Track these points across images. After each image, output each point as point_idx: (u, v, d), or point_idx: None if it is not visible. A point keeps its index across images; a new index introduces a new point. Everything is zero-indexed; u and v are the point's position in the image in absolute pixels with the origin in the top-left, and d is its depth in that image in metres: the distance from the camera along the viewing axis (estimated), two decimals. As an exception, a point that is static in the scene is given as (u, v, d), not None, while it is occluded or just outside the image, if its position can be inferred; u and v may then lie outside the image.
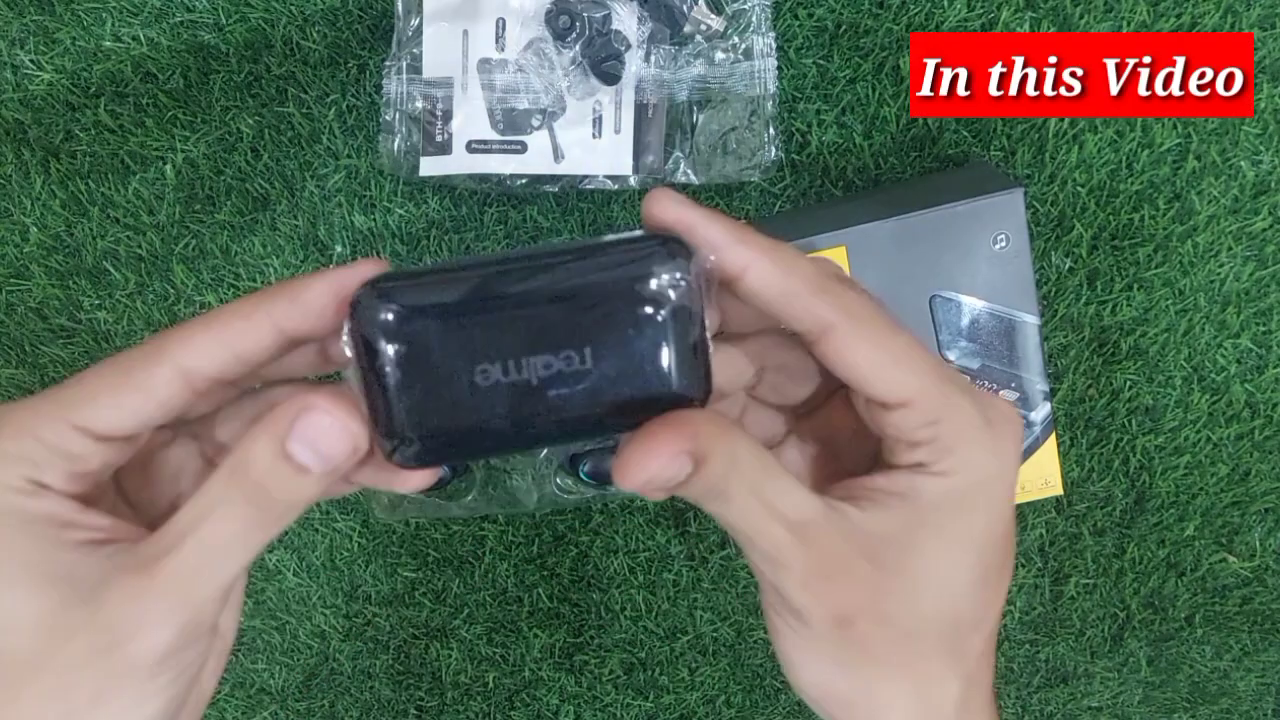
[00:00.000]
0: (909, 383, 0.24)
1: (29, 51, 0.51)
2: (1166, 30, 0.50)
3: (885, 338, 0.24)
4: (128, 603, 0.23)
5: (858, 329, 0.24)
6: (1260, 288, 0.54)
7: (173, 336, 0.24)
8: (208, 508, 0.23)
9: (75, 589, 0.23)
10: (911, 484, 0.25)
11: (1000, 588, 0.26)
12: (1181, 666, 0.60)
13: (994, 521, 0.26)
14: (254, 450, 0.23)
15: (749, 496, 0.25)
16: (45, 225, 0.53)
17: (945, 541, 0.25)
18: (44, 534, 0.24)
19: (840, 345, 0.24)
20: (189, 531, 0.23)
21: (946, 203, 0.46)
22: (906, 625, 0.25)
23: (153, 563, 0.23)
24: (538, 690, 0.60)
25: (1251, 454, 0.56)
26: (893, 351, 0.24)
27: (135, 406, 0.24)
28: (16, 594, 0.23)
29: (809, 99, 0.51)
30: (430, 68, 0.50)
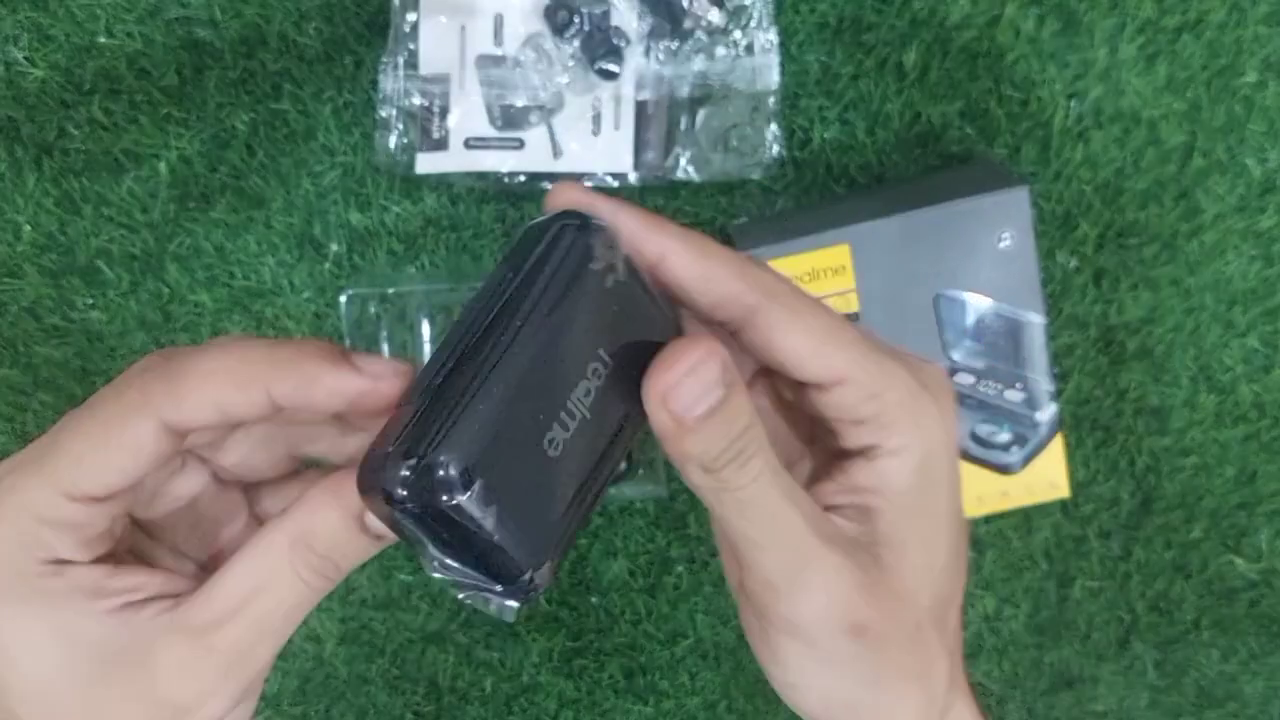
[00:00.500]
0: (842, 359, 0.24)
1: (22, 48, 0.50)
2: (1171, 27, 0.50)
3: (811, 317, 0.24)
4: (188, 676, 0.23)
5: (783, 310, 0.24)
6: (1267, 286, 0.53)
7: (157, 391, 0.23)
8: (267, 578, 0.23)
9: (121, 661, 0.23)
10: (877, 474, 0.25)
11: (963, 563, 0.27)
12: (1188, 670, 0.59)
13: (953, 493, 0.26)
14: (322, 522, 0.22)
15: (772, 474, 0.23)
16: (38, 223, 0.52)
17: (924, 528, 0.25)
18: (79, 609, 0.23)
19: (767, 328, 0.24)
20: (248, 602, 0.23)
21: (950, 200, 0.46)
22: (910, 624, 0.25)
23: (210, 633, 0.23)
24: (536, 695, 0.59)
25: (1259, 455, 0.56)
26: (821, 330, 0.24)
27: (122, 464, 0.23)
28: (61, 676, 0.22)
29: (811, 95, 0.51)
30: (427, 64, 0.49)
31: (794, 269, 0.46)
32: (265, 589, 0.23)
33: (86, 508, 0.23)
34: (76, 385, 0.55)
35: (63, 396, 0.55)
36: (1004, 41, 0.50)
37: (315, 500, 0.23)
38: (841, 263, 0.46)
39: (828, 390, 0.24)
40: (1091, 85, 0.51)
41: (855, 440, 0.25)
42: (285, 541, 0.23)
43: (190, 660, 0.23)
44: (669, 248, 0.23)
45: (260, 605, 0.23)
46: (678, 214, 0.52)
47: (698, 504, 0.56)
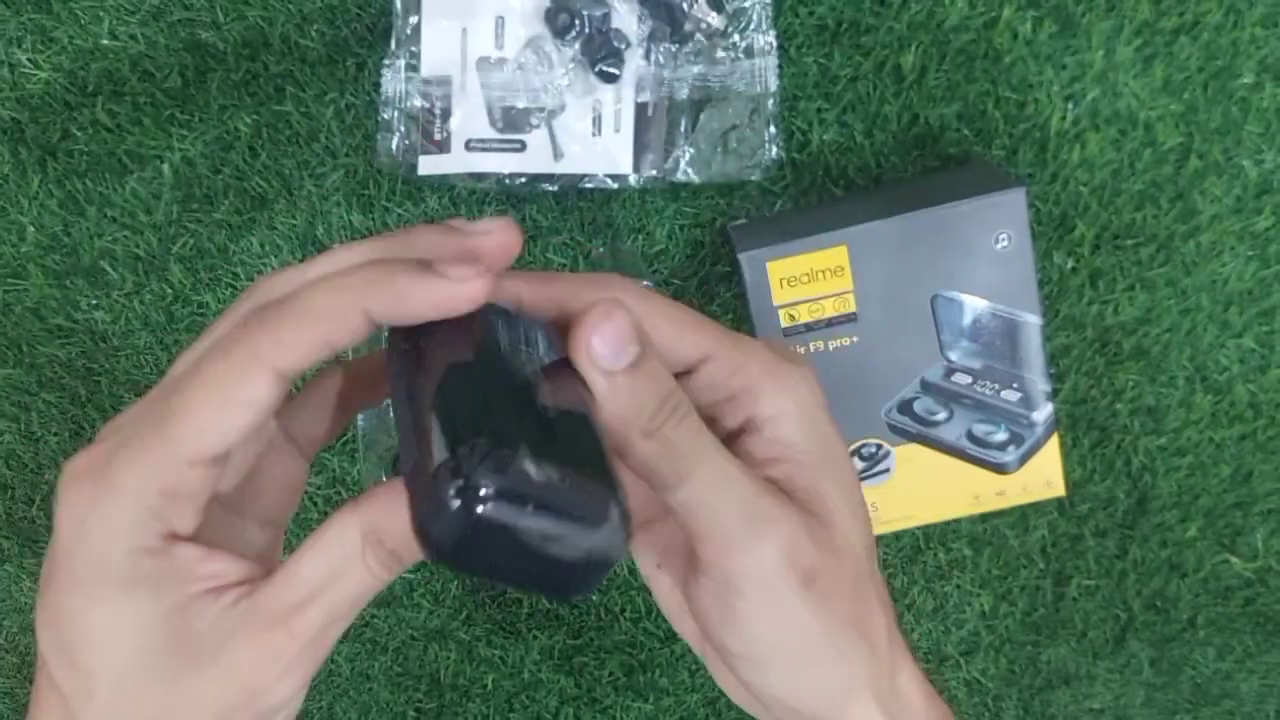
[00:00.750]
0: (703, 339, 0.26)
1: (26, 50, 0.50)
2: (1168, 28, 0.50)
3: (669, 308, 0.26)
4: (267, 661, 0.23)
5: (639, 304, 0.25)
6: (1263, 287, 0.54)
7: (263, 339, 0.23)
8: (340, 568, 0.24)
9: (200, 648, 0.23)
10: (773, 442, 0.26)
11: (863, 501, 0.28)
12: (1184, 668, 0.60)
13: (842, 443, 0.27)
14: (394, 522, 0.23)
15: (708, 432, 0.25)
16: (42, 225, 0.52)
17: (835, 476, 0.27)
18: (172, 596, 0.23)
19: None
20: (322, 590, 0.24)
21: (948, 202, 0.46)
22: (853, 571, 0.26)
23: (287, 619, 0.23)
24: (537, 692, 0.59)
25: (1254, 455, 0.56)
26: (679, 317, 0.26)
27: (240, 422, 0.23)
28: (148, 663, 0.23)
29: (810, 97, 0.51)
30: (429, 66, 0.49)
31: (792, 270, 0.47)
32: (338, 578, 0.24)
33: (205, 471, 0.23)
34: (80, 385, 0.55)
35: (66, 396, 0.55)
36: (1001, 44, 0.50)
37: (388, 497, 0.23)
38: (840, 263, 0.46)
39: (697, 372, 0.26)
40: (1088, 87, 0.51)
41: (733, 418, 0.27)
42: (358, 534, 0.23)
43: (268, 645, 0.23)
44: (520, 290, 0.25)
45: (334, 593, 0.24)
46: (677, 215, 0.53)
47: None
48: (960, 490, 0.49)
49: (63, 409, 0.56)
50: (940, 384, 0.48)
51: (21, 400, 0.55)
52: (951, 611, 0.58)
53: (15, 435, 0.56)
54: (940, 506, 0.50)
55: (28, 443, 0.56)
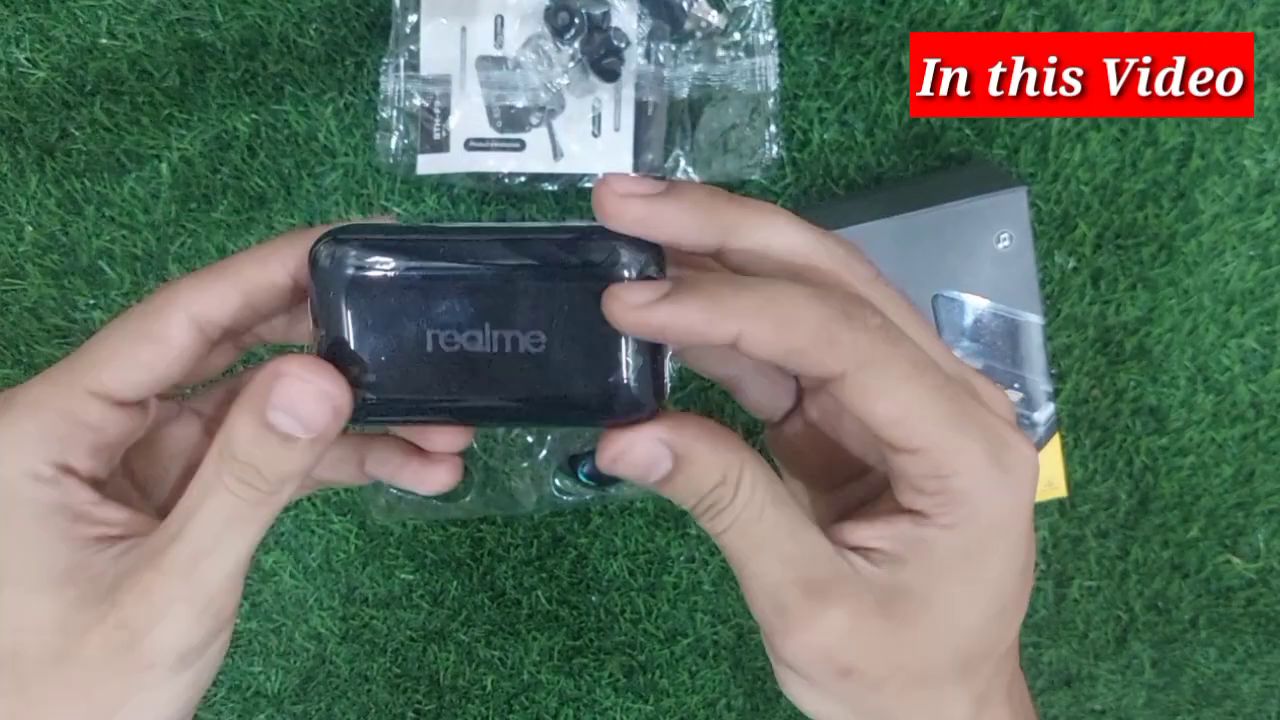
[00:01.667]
0: (920, 432, 0.23)
1: (24, 49, 0.50)
2: (1169, 28, 0.50)
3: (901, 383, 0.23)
4: (139, 600, 0.23)
5: (869, 377, 0.22)
6: (1265, 287, 0.53)
7: (184, 285, 0.23)
8: (203, 492, 0.23)
9: (91, 587, 0.23)
10: (919, 538, 0.24)
11: (1015, 618, 0.26)
12: (1186, 669, 0.59)
13: (1008, 563, 0.25)
14: (236, 426, 0.23)
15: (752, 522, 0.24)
16: (40, 224, 0.52)
17: (957, 590, 0.24)
18: (61, 528, 0.23)
19: (849, 389, 0.23)
20: (189, 517, 0.23)
21: (949, 201, 0.46)
22: (918, 671, 0.24)
23: (160, 554, 0.23)
24: (536, 694, 0.59)
25: (1256, 455, 0.56)
26: (907, 400, 0.23)
27: (151, 361, 0.23)
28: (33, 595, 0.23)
29: (810, 96, 0.51)
30: (428, 65, 0.49)
31: (793, 270, 0.46)
32: (201, 502, 0.23)
33: (106, 408, 0.23)
34: (79, 385, 0.55)
35: (65, 396, 0.55)
36: (1002, 43, 0.50)
37: (233, 408, 0.23)
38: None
39: (899, 453, 0.23)
40: (1090, 86, 0.51)
41: (911, 502, 0.24)
42: (214, 453, 0.23)
43: (139, 583, 0.23)
44: (743, 329, 0.22)
45: (198, 520, 0.23)
46: (677, 215, 0.52)
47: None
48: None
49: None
50: (941, 384, 0.48)
51: (19, 400, 0.55)
52: (952, 612, 0.58)
53: (13, 436, 0.56)
54: (941, 507, 0.50)
55: (25, 443, 0.56)
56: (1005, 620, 0.25)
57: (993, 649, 0.25)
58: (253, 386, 0.23)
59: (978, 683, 0.25)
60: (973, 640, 0.25)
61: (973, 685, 0.25)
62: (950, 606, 0.24)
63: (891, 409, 0.23)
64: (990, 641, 0.25)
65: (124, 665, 0.23)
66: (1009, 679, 0.27)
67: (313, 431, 0.23)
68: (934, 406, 0.23)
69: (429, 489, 0.26)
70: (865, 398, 0.23)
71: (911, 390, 0.23)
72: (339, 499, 0.56)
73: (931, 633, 0.24)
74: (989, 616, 0.25)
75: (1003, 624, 0.25)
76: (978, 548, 0.24)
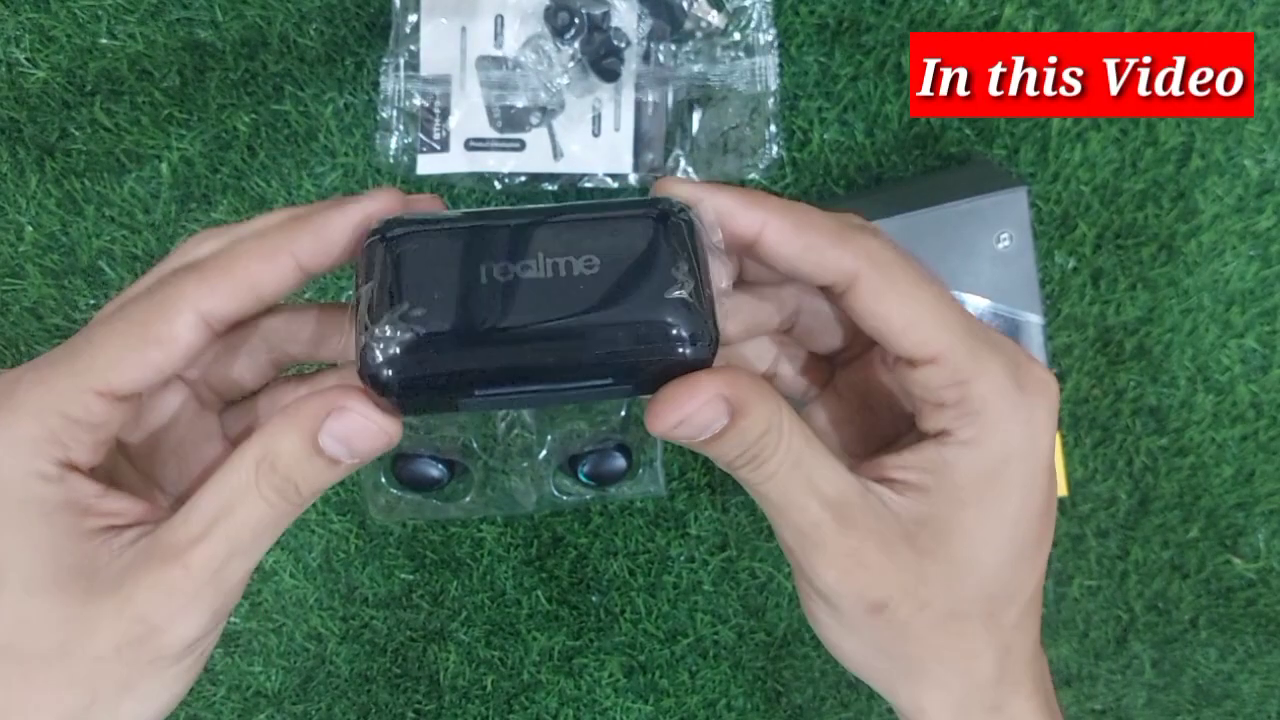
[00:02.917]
0: (937, 338, 0.23)
1: (24, 49, 0.50)
2: (1169, 28, 0.50)
3: (913, 288, 0.24)
4: (161, 596, 0.23)
5: (884, 279, 0.23)
6: (1265, 287, 0.53)
7: (190, 282, 0.23)
8: (235, 497, 0.23)
9: (98, 580, 0.23)
10: (942, 459, 0.24)
11: (1038, 560, 0.26)
12: (1186, 669, 0.59)
13: (1029, 497, 0.25)
14: (282, 444, 0.23)
15: (791, 467, 0.24)
16: (40, 224, 0.52)
17: (980, 521, 0.25)
18: (67, 524, 0.23)
19: (866, 295, 0.24)
20: (217, 521, 0.23)
21: (949, 201, 0.46)
22: (944, 608, 0.25)
23: (183, 553, 0.23)
24: (536, 694, 0.59)
25: (1256, 455, 0.56)
26: (921, 303, 0.24)
27: (158, 361, 0.23)
28: (39, 589, 0.23)
29: (810, 96, 0.51)
30: (428, 65, 0.49)
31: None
32: (234, 508, 0.23)
33: (111, 406, 0.23)
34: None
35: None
36: (1002, 43, 0.50)
37: (278, 423, 0.23)
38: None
39: (918, 367, 0.24)
40: (1090, 86, 0.51)
41: (933, 423, 0.25)
42: (251, 463, 0.23)
43: (164, 580, 0.23)
44: (766, 220, 0.24)
45: (229, 524, 0.23)
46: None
47: (698, 503, 0.56)
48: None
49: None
50: (941, 384, 0.48)
51: (19, 400, 0.55)
52: (952, 612, 0.58)
53: (13, 436, 0.56)
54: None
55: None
56: (1025, 563, 0.26)
57: (1014, 593, 0.26)
58: (307, 409, 0.23)
59: (1002, 632, 0.26)
60: (993, 576, 0.25)
61: (997, 633, 0.26)
62: (971, 538, 0.25)
63: (906, 312, 0.23)
64: (1011, 583, 0.25)
65: (134, 658, 0.23)
66: (1032, 652, 0.27)
67: (358, 457, 0.23)
68: (950, 312, 0.24)
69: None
70: (881, 301, 0.23)
71: (926, 294, 0.24)
72: (339, 499, 0.56)
73: (954, 565, 0.25)
74: (1010, 557, 0.25)
75: (1023, 566, 0.26)
76: (997, 473, 0.24)
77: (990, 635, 0.26)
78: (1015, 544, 0.25)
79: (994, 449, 0.24)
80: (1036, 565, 0.26)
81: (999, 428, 0.24)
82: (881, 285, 0.23)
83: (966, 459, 0.24)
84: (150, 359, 0.23)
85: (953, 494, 0.24)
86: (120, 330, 0.23)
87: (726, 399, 0.23)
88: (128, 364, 0.23)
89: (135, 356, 0.23)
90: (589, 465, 0.53)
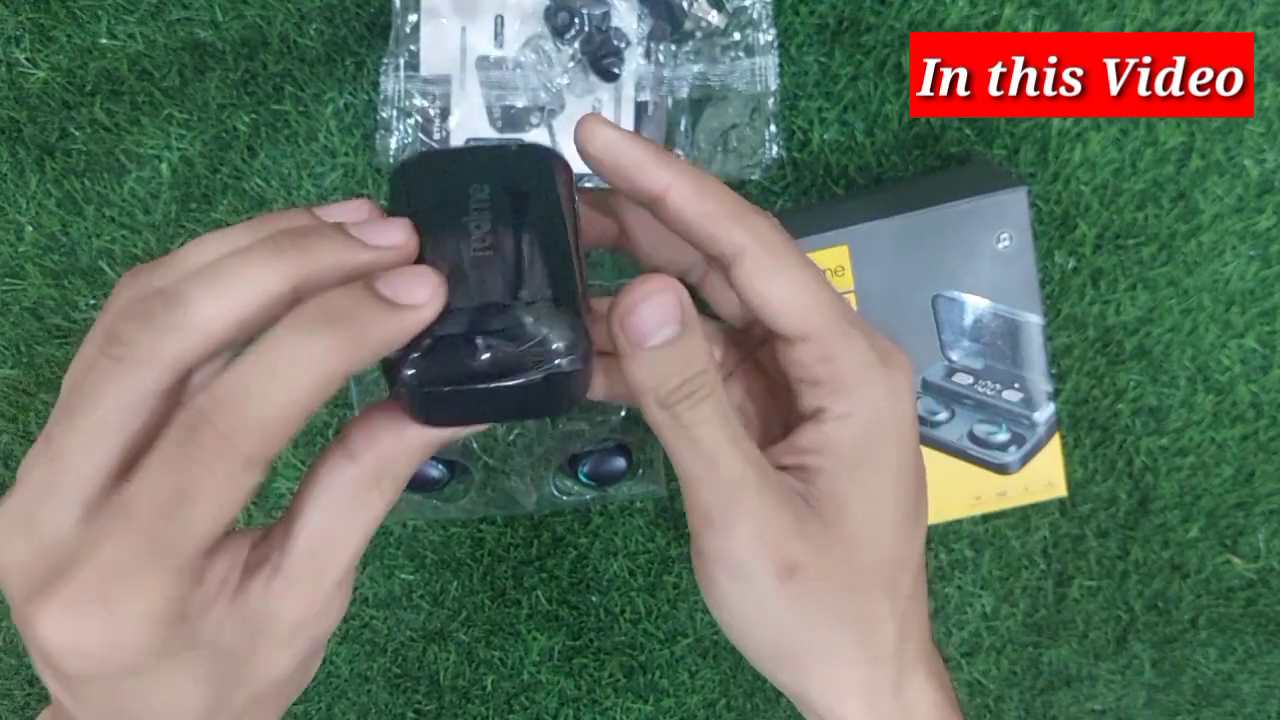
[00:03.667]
0: (810, 317, 0.26)
1: (24, 49, 0.50)
2: (1169, 28, 0.50)
3: (793, 269, 0.26)
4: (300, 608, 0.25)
5: (768, 256, 0.25)
6: (1265, 287, 0.53)
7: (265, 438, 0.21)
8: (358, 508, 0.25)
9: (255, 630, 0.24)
10: (823, 436, 0.26)
11: (920, 525, 0.28)
12: (1186, 669, 0.59)
13: (904, 460, 0.27)
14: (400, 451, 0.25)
15: (722, 419, 0.25)
16: (40, 224, 0.52)
17: (868, 488, 0.26)
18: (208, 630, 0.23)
19: (751, 271, 0.25)
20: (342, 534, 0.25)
21: (949, 201, 0.46)
22: (848, 575, 0.26)
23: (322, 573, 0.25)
24: (536, 694, 0.59)
25: (1256, 455, 0.56)
26: (799, 284, 0.26)
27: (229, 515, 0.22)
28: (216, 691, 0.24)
29: (810, 96, 0.51)
30: (428, 65, 0.49)
31: (793, 270, 0.46)
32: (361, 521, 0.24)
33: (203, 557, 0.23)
34: (79, 385, 0.55)
35: (65, 396, 0.55)
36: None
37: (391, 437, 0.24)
38: (840, 263, 0.46)
39: (792, 345, 0.26)
40: (1090, 86, 0.51)
41: (810, 403, 0.27)
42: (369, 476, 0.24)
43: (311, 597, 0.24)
44: (673, 181, 0.25)
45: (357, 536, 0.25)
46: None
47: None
48: (961, 491, 0.49)
49: (61, 409, 0.55)
50: (941, 384, 0.48)
51: (20, 401, 0.55)
52: (953, 613, 0.58)
53: (13, 435, 0.56)
54: (941, 507, 0.50)
55: (25, 443, 0.56)
56: (911, 527, 0.27)
57: (906, 561, 0.27)
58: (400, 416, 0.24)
59: (898, 602, 0.27)
60: (887, 540, 0.27)
61: (895, 604, 0.27)
62: (864, 503, 0.26)
63: (785, 290, 0.25)
64: (901, 550, 0.27)
65: None
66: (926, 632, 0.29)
67: None
68: (824, 295, 0.26)
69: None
70: (763, 276, 0.25)
71: (803, 276, 0.26)
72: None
73: (853, 532, 0.26)
74: (897, 518, 0.27)
75: (909, 531, 0.27)
76: (873, 440, 0.26)
77: (890, 603, 0.27)
78: (901, 506, 0.27)
79: (865, 418, 0.26)
80: (919, 529, 0.28)
81: (867, 398, 0.26)
82: (765, 262, 0.25)
83: (844, 431, 0.26)
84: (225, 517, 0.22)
85: (838, 467, 0.26)
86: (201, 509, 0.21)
87: (681, 301, 0.24)
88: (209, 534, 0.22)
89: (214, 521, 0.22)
90: (589, 465, 0.53)
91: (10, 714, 0.60)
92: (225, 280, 0.22)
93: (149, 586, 0.21)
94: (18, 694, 0.59)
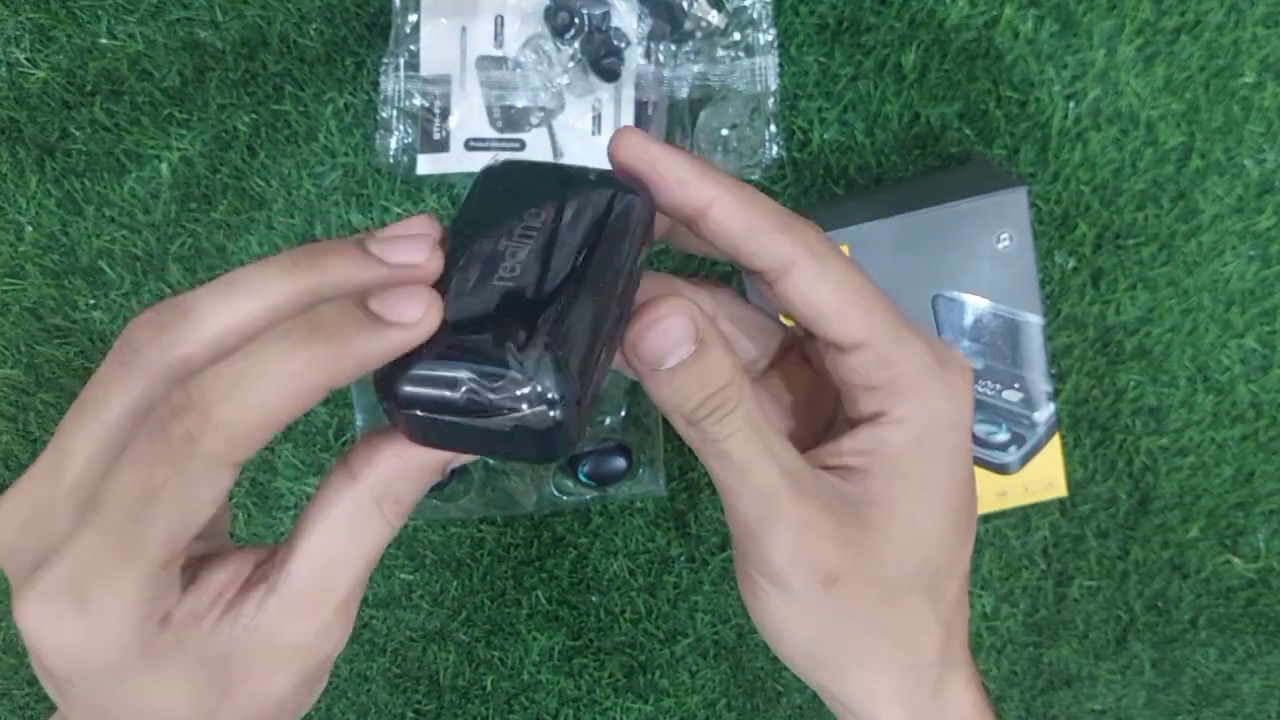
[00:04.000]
0: (865, 323, 0.25)
1: (24, 49, 0.50)
2: (1169, 28, 0.50)
3: (845, 277, 0.25)
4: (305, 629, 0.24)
5: (819, 266, 0.25)
6: (1265, 287, 0.53)
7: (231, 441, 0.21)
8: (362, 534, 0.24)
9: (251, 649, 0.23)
10: (878, 439, 0.26)
11: (969, 534, 0.27)
12: (1185, 669, 0.59)
13: (957, 468, 0.26)
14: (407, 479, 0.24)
15: (751, 429, 0.25)
16: (40, 224, 0.52)
17: (920, 493, 0.26)
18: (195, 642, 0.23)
19: (801, 282, 0.25)
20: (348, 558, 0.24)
21: (949, 201, 0.46)
22: (891, 582, 0.26)
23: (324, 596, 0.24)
24: (536, 694, 0.59)
25: (1256, 455, 0.56)
26: (852, 291, 0.25)
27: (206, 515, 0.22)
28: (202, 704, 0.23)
29: (810, 96, 0.51)
30: (428, 65, 0.49)
31: (793, 270, 0.46)
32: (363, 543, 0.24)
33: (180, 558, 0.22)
34: (78, 385, 0.55)
35: (65, 396, 0.55)
36: (1002, 43, 0.50)
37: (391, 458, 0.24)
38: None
39: (846, 353, 0.25)
40: (1090, 86, 0.51)
41: (866, 407, 0.26)
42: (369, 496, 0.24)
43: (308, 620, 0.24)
44: (717, 196, 0.25)
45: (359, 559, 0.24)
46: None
47: (698, 503, 0.56)
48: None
49: (61, 409, 0.55)
50: (941, 384, 0.48)
51: (19, 400, 0.55)
52: (952, 612, 0.58)
53: (13, 435, 0.56)
54: (941, 507, 0.50)
55: (25, 443, 0.56)
56: (960, 536, 0.27)
57: (953, 569, 0.27)
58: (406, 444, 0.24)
59: (944, 609, 0.27)
60: (935, 546, 0.26)
61: (940, 609, 0.27)
62: (913, 509, 0.26)
63: (835, 298, 0.25)
64: (950, 559, 0.27)
65: None
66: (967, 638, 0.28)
67: None
68: (876, 301, 0.25)
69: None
70: (812, 286, 0.25)
71: (854, 283, 0.25)
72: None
73: (900, 538, 0.26)
74: (947, 526, 0.26)
75: (958, 540, 0.27)
76: (930, 444, 0.26)
77: (935, 609, 0.26)
78: (953, 512, 0.26)
79: (925, 421, 0.26)
80: (969, 537, 0.27)
81: (927, 401, 0.26)
82: (817, 272, 0.25)
83: (901, 434, 0.26)
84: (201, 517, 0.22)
85: (891, 470, 0.26)
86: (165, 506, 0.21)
87: (694, 321, 0.24)
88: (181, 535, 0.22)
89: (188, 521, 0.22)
90: (589, 465, 0.53)
91: (10, 714, 0.60)
92: (236, 290, 0.22)
93: (120, 585, 0.21)
94: (17, 694, 0.59)
